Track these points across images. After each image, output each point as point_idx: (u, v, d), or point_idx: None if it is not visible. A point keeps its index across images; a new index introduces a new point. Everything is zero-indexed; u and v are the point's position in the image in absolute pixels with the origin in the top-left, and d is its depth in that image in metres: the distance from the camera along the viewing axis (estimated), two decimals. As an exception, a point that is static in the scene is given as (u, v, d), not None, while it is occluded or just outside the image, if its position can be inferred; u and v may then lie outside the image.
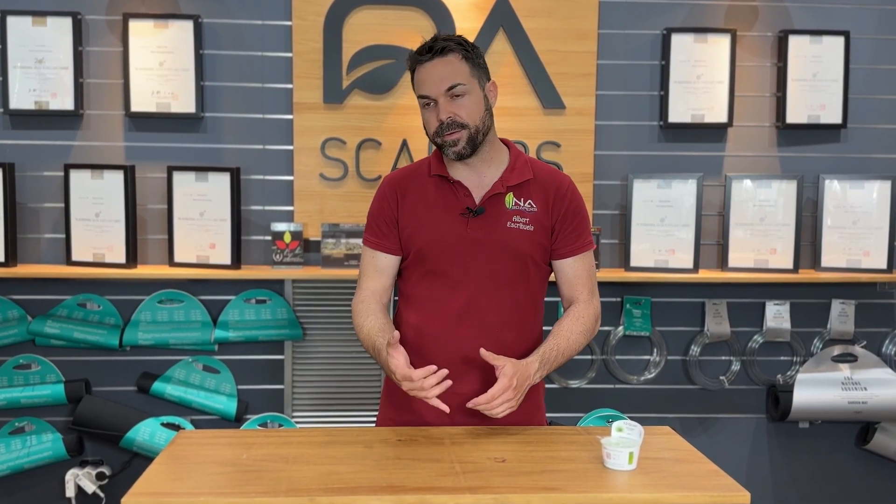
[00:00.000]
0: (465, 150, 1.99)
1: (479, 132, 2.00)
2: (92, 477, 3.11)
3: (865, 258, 3.29)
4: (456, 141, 1.98)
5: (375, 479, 1.67)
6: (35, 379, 3.21)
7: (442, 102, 1.97)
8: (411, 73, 2.04)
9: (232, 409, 3.23)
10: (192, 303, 3.24)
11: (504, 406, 1.87)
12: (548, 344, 2.01)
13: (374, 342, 2.01)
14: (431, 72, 1.98)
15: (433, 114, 1.99)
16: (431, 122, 2.00)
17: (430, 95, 1.98)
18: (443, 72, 1.97)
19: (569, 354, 2.04)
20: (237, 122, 3.22)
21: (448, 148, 1.99)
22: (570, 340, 2.04)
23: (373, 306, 2.08)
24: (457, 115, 1.97)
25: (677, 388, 3.42)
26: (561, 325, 2.06)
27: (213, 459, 1.79)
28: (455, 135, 1.98)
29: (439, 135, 1.99)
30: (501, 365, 1.89)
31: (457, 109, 1.97)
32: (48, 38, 3.12)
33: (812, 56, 3.28)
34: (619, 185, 3.32)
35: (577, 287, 2.10)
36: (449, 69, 1.97)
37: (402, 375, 1.88)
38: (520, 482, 1.67)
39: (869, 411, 3.31)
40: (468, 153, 2.00)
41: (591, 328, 2.08)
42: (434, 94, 1.97)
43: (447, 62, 1.97)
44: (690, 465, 1.80)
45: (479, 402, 1.87)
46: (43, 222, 3.21)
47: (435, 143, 2.03)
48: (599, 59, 3.27)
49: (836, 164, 3.35)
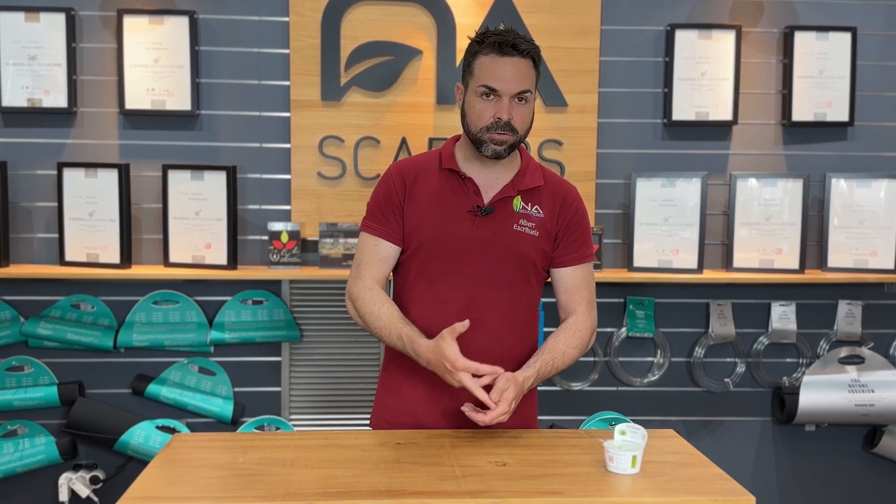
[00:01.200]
0: (504, 153, 2.00)
1: (522, 140, 2.03)
2: (86, 481, 3.11)
3: (873, 258, 3.29)
4: (503, 142, 1.98)
5: (374, 483, 1.67)
6: (28, 381, 3.21)
7: (507, 102, 1.97)
8: (472, 56, 2.01)
9: (228, 412, 3.23)
10: (188, 304, 3.24)
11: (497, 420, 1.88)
12: (543, 358, 2.01)
13: (398, 330, 1.99)
14: (508, 69, 1.96)
15: (491, 107, 1.98)
16: (486, 114, 1.98)
17: (499, 91, 1.97)
18: (520, 74, 1.97)
19: (560, 368, 2.05)
20: (233, 120, 3.22)
21: (491, 145, 1.99)
22: (565, 355, 2.05)
23: (383, 295, 2.06)
24: (514, 119, 1.98)
25: (681, 391, 3.42)
26: (557, 338, 2.06)
27: (209, 463, 1.79)
28: (506, 136, 1.98)
29: (490, 130, 1.98)
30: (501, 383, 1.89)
31: (516, 115, 1.98)
32: (41, 34, 3.12)
33: (818, 52, 3.28)
34: (621, 184, 3.32)
35: (576, 297, 2.10)
36: (524, 72, 1.98)
37: (464, 366, 1.86)
38: (521, 486, 1.67)
39: (876, 414, 3.31)
40: (505, 156, 2.01)
41: (585, 342, 2.09)
42: (504, 91, 1.97)
43: (525, 65, 1.98)
44: (695, 469, 1.80)
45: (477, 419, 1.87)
46: (36, 222, 3.21)
47: (476, 137, 2.00)
48: (602, 55, 3.27)
49: (842, 162, 3.35)
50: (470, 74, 2.02)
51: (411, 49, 3.20)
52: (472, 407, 1.89)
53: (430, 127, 3.21)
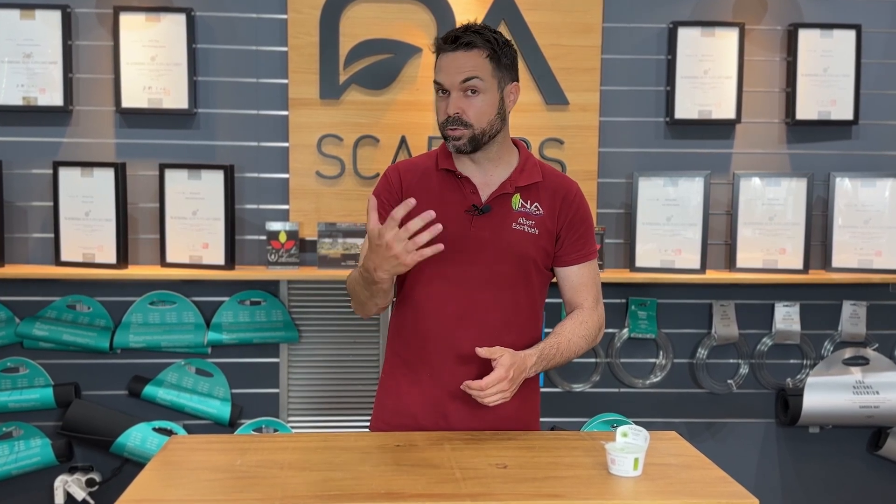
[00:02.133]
0: (465, 147, 2.00)
1: (485, 134, 2.00)
2: (82, 483, 3.11)
3: (877, 258, 3.29)
4: (458, 137, 1.99)
5: (373, 485, 1.67)
6: (23, 382, 3.21)
7: (454, 96, 1.98)
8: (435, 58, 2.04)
9: (225, 414, 3.23)
10: (185, 304, 3.24)
11: (497, 396, 1.88)
12: (548, 341, 2.02)
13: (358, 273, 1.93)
14: (451, 62, 1.98)
15: (443, 104, 2.00)
16: (441, 111, 2.01)
17: (443, 84, 1.99)
18: (463, 64, 1.97)
19: (567, 356, 2.04)
20: (231, 119, 3.21)
21: (450, 141, 2.01)
22: (571, 342, 2.04)
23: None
24: (464, 112, 1.97)
25: (684, 392, 3.42)
26: (563, 325, 2.07)
27: (206, 465, 1.79)
28: (458, 131, 1.98)
29: (444, 126, 2.00)
30: (499, 356, 1.89)
31: (466, 107, 1.97)
32: (36, 31, 3.12)
33: (823, 50, 3.28)
34: (623, 183, 3.32)
35: (583, 293, 2.10)
36: (470, 63, 1.97)
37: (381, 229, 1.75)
38: (522, 489, 1.67)
39: (881, 416, 3.31)
40: (468, 150, 2.01)
41: (593, 335, 2.09)
42: (448, 85, 1.98)
43: (470, 56, 1.97)
44: (697, 472, 1.80)
45: (472, 386, 1.87)
46: (31, 221, 3.21)
47: (441, 134, 2.04)
48: (604, 53, 3.27)
49: (847, 161, 3.35)
50: None
51: (411, 47, 3.20)
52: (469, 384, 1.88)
53: (430, 126, 3.21)
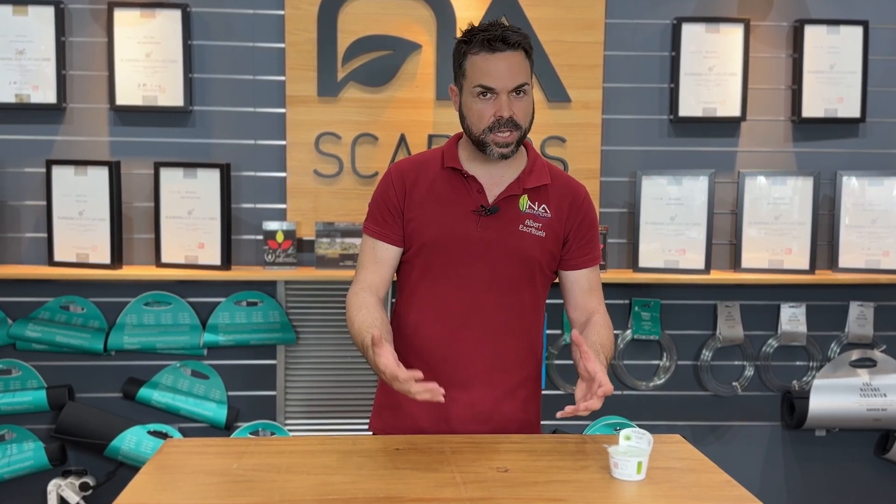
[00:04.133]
0: (511, 152, 1.99)
1: (526, 134, 2.01)
2: (75, 487, 3.11)
3: (885, 258, 3.29)
4: (509, 143, 1.97)
5: (372, 489, 1.67)
6: (16, 385, 3.21)
7: (505, 98, 1.95)
8: (462, 56, 1.99)
9: (222, 417, 3.23)
10: (180, 305, 3.24)
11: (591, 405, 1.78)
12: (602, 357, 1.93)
13: (363, 338, 1.94)
14: (501, 64, 1.95)
15: (490, 106, 1.96)
16: (486, 114, 1.96)
17: (495, 88, 1.95)
18: (514, 67, 1.95)
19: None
20: (227, 116, 3.22)
21: (495, 147, 1.97)
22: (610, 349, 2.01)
23: (368, 299, 2.02)
24: (516, 115, 1.96)
25: (688, 395, 3.42)
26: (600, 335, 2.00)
27: (202, 469, 1.79)
28: (510, 136, 1.97)
29: (493, 130, 1.96)
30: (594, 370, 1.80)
31: (517, 109, 1.96)
32: (29, 28, 3.12)
33: (829, 47, 3.28)
34: (626, 182, 3.32)
35: (594, 298, 2.11)
36: (519, 66, 1.96)
37: (392, 375, 1.78)
38: (523, 493, 1.67)
39: (889, 418, 3.31)
40: (511, 155, 2.00)
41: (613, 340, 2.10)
42: (500, 89, 1.95)
43: (518, 58, 1.96)
44: (702, 475, 1.80)
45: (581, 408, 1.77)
46: (24, 221, 3.21)
47: (479, 139, 1.99)
48: (606, 49, 3.27)
49: (854, 159, 3.35)
50: (462, 76, 2.00)
51: (410, 43, 3.20)
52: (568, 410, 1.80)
53: (430, 123, 3.21)
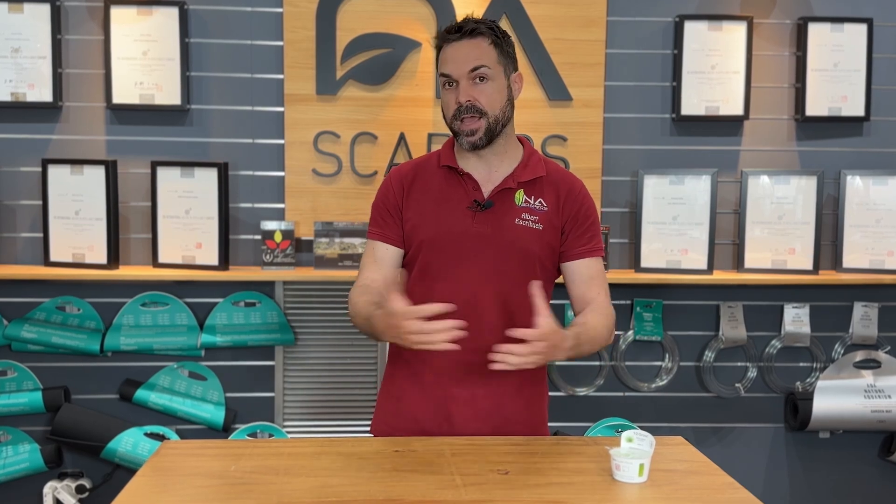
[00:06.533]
0: (480, 141, 2.00)
1: (499, 122, 2.01)
2: (71, 490, 3.11)
3: (889, 258, 3.30)
4: (474, 130, 1.99)
5: (371, 491, 1.67)
6: (11, 386, 3.21)
7: (463, 84, 1.98)
8: (437, 52, 2.06)
9: (219, 418, 3.23)
10: (178, 306, 3.24)
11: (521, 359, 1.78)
12: (576, 328, 1.95)
13: (367, 312, 1.94)
14: (457, 51, 1.99)
15: (453, 95, 2.00)
16: (450, 104, 2.01)
17: (451, 75, 1.99)
18: (469, 53, 1.98)
19: (592, 347, 1.99)
20: (225, 115, 3.22)
21: (464, 137, 2.00)
22: (595, 330, 1.99)
23: (368, 288, 2.04)
24: (477, 100, 1.98)
25: (690, 396, 3.43)
26: (586, 316, 2.01)
27: (199, 471, 1.79)
28: (473, 123, 1.98)
29: (457, 118, 2.00)
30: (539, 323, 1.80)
31: (478, 94, 1.98)
32: (25, 25, 3.12)
33: (833, 45, 3.28)
34: (628, 182, 3.32)
35: (594, 288, 2.07)
36: (476, 51, 1.99)
37: (403, 313, 1.77)
38: (524, 495, 1.67)
39: (893, 420, 3.31)
40: (483, 144, 2.01)
41: (611, 327, 2.05)
42: (456, 75, 1.99)
43: (475, 44, 1.99)
44: (704, 478, 1.80)
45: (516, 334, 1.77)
46: (19, 221, 3.21)
47: (451, 129, 2.04)
48: (608, 47, 3.27)
49: (858, 158, 3.36)
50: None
51: (410, 41, 3.20)
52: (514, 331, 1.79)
53: (429, 122, 3.22)
